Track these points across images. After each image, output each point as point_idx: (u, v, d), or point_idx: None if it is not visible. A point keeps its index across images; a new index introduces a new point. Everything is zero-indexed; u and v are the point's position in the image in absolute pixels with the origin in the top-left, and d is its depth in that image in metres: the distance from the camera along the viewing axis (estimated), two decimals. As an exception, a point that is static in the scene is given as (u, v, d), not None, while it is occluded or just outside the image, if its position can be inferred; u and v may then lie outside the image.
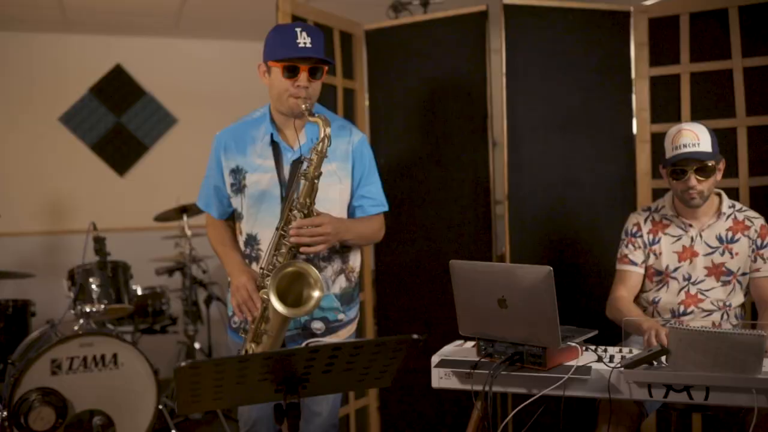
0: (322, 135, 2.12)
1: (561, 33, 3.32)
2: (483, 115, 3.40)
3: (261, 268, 2.22)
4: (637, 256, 2.64)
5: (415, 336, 1.57)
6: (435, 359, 2.20)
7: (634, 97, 3.36)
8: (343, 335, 2.38)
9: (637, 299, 2.68)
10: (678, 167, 2.45)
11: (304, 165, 2.15)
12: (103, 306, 3.64)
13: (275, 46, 2.22)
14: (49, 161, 5.38)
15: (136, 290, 4.23)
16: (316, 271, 2.09)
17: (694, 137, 2.44)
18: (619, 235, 2.74)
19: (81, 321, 3.59)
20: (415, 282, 3.55)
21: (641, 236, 2.64)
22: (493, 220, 3.42)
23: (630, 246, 2.66)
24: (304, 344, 1.82)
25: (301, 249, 2.13)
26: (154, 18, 4.99)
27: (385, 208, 2.43)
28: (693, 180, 2.44)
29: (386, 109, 3.66)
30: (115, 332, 3.65)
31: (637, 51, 3.35)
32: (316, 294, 2.06)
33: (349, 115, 3.62)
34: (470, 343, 2.35)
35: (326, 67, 2.25)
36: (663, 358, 1.99)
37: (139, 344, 4.26)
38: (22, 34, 5.26)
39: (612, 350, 2.20)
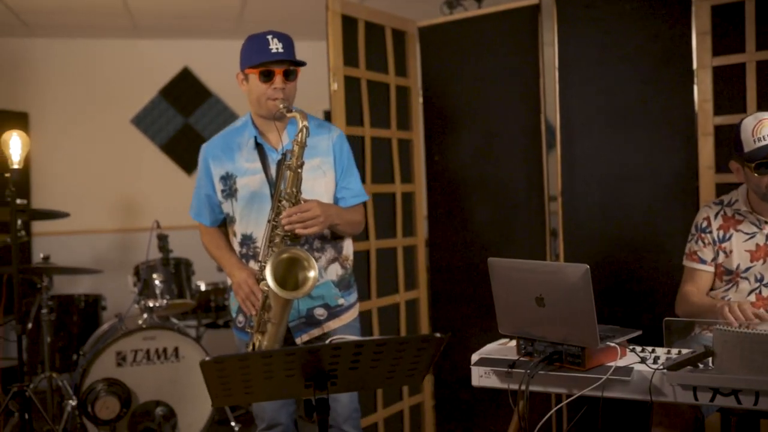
0: (300, 126, 2.24)
1: (616, 24, 3.22)
2: (536, 110, 3.34)
3: (259, 261, 2.32)
4: (707, 253, 2.52)
5: (438, 335, 1.57)
6: (474, 357, 2.18)
7: (695, 88, 3.23)
8: (346, 319, 2.51)
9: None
10: (764, 161, 2.30)
11: (287, 157, 2.25)
12: (165, 301, 3.79)
13: (250, 54, 2.36)
14: (121, 161, 5.62)
15: (199, 286, 4.38)
16: (308, 253, 2.20)
17: None
18: (679, 231, 2.64)
19: (145, 315, 3.74)
20: (469, 280, 3.53)
21: (710, 232, 2.51)
22: (547, 217, 3.36)
23: (699, 242, 2.53)
24: (327, 341, 1.88)
25: (296, 231, 2.23)
26: (217, 21, 5.14)
27: (365, 198, 2.58)
28: None
29: (440, 106, 3.65)
30: (177, 326, 3.79)
31: (699, 40, 3.21)
32: (311, 274, 2.17)
33: (403, 113, 3.63)
34: (513, 342, 2.31)
35: (299, 69, 2.38)
36: (709, 360, 1.91)
37: (203, 338, 4.41)
38: (95, 40, 5.51)
39: (660, 351, 2.12)
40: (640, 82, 3.23)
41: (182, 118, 5.77)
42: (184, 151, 5.77)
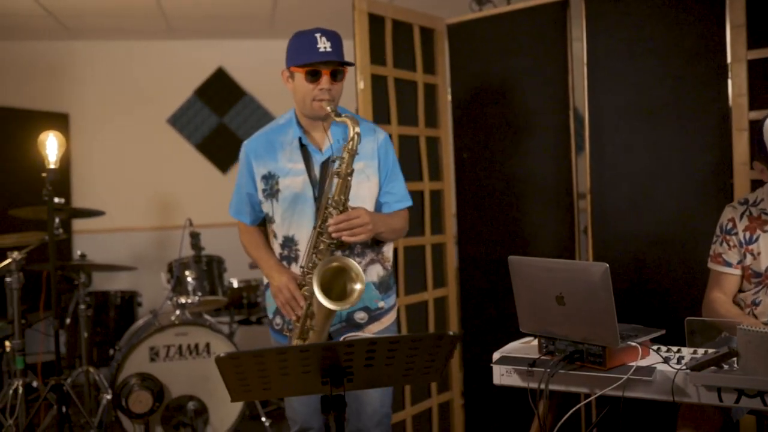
0: (351, 134, 2.20)
1: (646, 19, 3.16)
2: (565, 106, 3.31)
3: (301, 267, 2.29)
4: (732, 256, 2.45)
5: (452, 332, 1.58)
6: (496, 356, 2.18)
7: (730, 82, 3.15)
8: (386, 322, 2.46)
9: (734, 299, 2.51)
10: None
11: (336, 164, 2.21)
12: (197, 298, 3.85)
13: (297, 52, 2.28)
14: (158, 161, 5.73)
15: (231, 283, 4.44)
16: (357, 265, 2.16)
17: None
18: (713, 229, 2.58)
19: (178, 312, 3.81)
20: (499, 278, 3.51)
21: (736, 234, 2.44)
22: (576, 215, 3.32)
23: (724, 244, 2.47)
24: (342, 338, 1.88)
25: (343, 239, 2.19)
26: (249, 21, 5.20)
27: (409, 203, 2.51)
28: None
29: (468, 104, 3.64)
30: (209, 323, 3.85)
31: (733, 33, 3.13)
32: (357, 287, 2.14)
33: (431, 111, 3.63)
34: (536, 341, 2.30)
35: (347, 69, 2.31)
36: (735, 361, 1.87)
37: (236, 335, 4.47)
38: (132, 42, 5.63)
39: (685, 351, 2.08)
40: (671, 77, 3.17)
41: (217, 117, 5.85)
42: (218, 150, 5.86)
